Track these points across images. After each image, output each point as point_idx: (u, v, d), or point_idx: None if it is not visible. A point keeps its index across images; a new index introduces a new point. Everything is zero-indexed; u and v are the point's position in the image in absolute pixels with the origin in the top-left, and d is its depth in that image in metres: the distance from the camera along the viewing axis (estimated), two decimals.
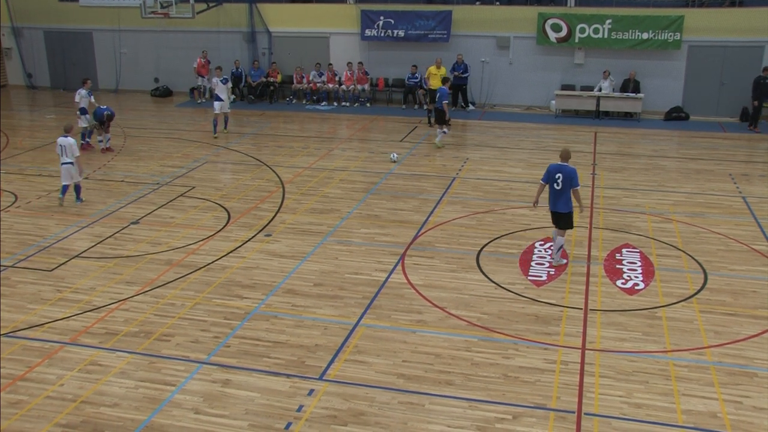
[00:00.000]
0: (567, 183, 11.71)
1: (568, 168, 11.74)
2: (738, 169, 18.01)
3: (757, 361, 9.19)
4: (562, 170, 11.75)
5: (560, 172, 11.75)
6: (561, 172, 11.74)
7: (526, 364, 9.12)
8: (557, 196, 11.85)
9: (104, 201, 15.46)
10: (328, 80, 26.27)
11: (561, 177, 11.72)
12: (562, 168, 11.77)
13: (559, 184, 11.75)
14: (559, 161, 11.93)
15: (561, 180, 11.72)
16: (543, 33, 24.52)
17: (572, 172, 11.73)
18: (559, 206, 11.91)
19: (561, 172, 11.74)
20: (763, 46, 23.07)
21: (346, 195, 15.85)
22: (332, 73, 26.25)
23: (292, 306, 10.70)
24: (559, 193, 11.81)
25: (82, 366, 9.09)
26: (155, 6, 25.18)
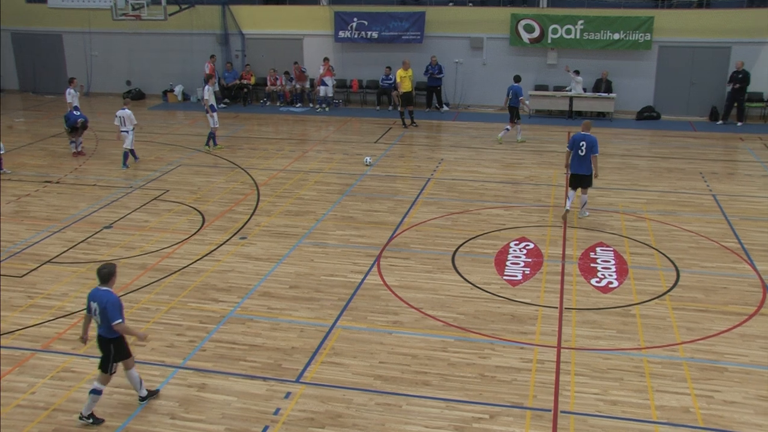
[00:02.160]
0: (589, 149, 13.72)
1: (591, 137, 13.81)
2: (708, 168, 18.27)
3: (728, 356, 9.32)
4: (585, 138, 13.81)
5: (584, 141, 13.80)
6: (585, 140, 13.79)
7: (503, 363, 9.16)
8: (581, 160, 13.85)
9: (76, 205, 15.28)
10: (296, 77, 26.00)
11: (584, 144, 13.77)
12: (586, 137, 13.82)
13: (582, 151, 13.78)
14: (581, 131, 13.94)
15: (585, 147, 13.75)
16: (516, 34, 24.68)
17: (594, 140, 13.81)
18: (582, 169, 13.91)
19: (585, 140, 13.80)
20: (731, 46, 23.43)
21: (321, 197, 15.82)
22: (300, 71, 25.97)
23: (268, 309, 10.65)
24: (582, 159, 13.83)
25: (54, 373, 8.97)
26: (126, 8, 24.89)
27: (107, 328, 7.88)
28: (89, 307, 7.99)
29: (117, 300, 7.90)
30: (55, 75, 29.14)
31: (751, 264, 12.19)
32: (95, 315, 7.94)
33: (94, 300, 7.90)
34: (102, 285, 7.96)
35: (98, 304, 7.85)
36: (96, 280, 8.02)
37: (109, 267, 8.04)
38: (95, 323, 8.02)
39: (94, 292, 7.96)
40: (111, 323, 7.80)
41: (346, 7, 25.95)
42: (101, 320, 7.90)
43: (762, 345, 9.57)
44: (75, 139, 19.36)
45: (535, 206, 15.16)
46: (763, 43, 23.13)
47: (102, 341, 8.02)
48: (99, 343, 8.07)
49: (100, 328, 7.98)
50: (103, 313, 7.82)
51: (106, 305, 7.79)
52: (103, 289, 7.93)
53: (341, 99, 26.50)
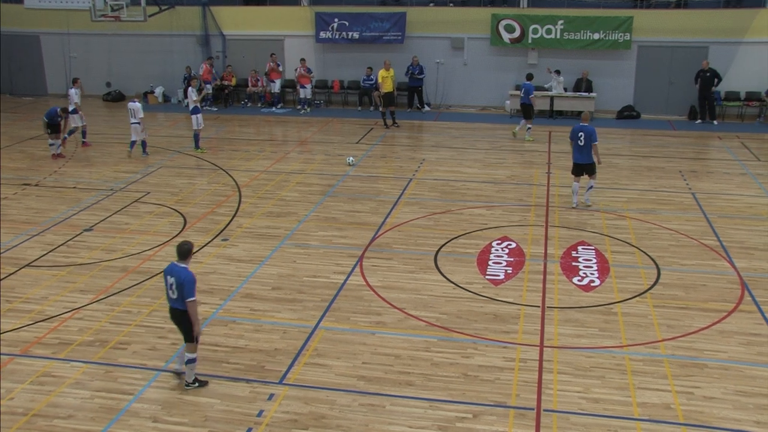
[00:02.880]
0: (588, 139, 14.42)
1: (589, 127, 14.51)
2: (687, 166, 18.45)
3: (707, 352, 9.42)
4: (583, 129, 14.51)
5: (582, 131, 14.50)
6: (583, 131, 14.49)
7: (486, 362, 9.19)
8: (581, 150, 14.60)
9: (56, 208, 15.14)
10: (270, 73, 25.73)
11: (583, 135, 14.47)
12: (584, 128, 14.53)
13: (582, 141, 14.49)
14: (581, 123, 14.68)
15: (583, 137, 14.45)
16: (496, 34, 24.77)
17: (592, 130, 14.49)
18: (583, 159, 14.65)
19: (582, 131, 14.50)
20: (708, 46, 23.68)
21: (303, 198, 15.79)
22: (275, 63, 25.70)
23: (250, 310, 10.61)
24: (582, 148, 14.56)
25: (33, 378, 8.88)
26: (105, 9, 24.69)
27: (183, 301, 8.32)
28: (165, 281, 8.45)
29: (193, 277, 8.34)
30: (32, 77, 28.87)
31: (729, 261, 12.32)
32: (171, 289, 8.38)
33: (171, 275, 8.36)
34: (180, 261, 8.40)
35: (176, 279, 8.30)
36: (175, 256, 8.51)
37: (188, 244, 8.51)
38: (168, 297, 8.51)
39: (172, 267, 8.43)
40: (186, 299, 8.24)
41: (327, 8, 25.93)
42: (177, 294, 8.33)
43: (740, 341, 9.68)
44: (55, 140, 19.16)
45: (516, 206, 15.23)
46: (739, 43, 23.42)
47: (177, 314, 8.51)
48: (174, 315, 8.57)
49: (175, 302, 8.43)
50: (180, 289, 8.28)
51: (184, 281, 8.24)
52: (180, 266, 8.38)
53: (322, 100, 26.47)
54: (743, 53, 23.50)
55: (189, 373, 8.64)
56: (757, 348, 9.51)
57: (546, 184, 16.72)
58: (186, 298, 8.26)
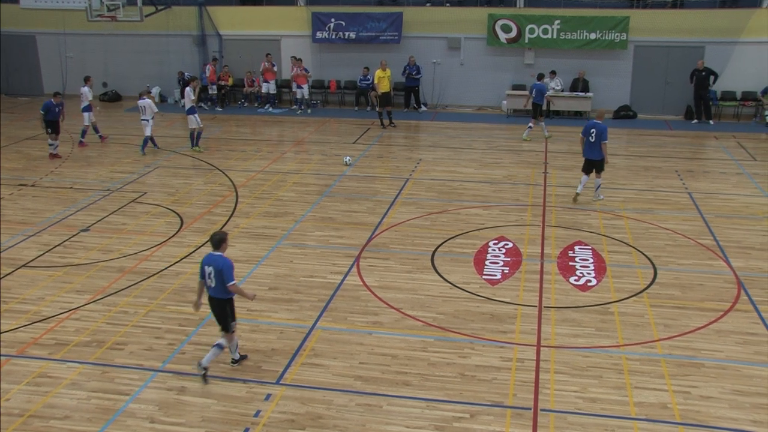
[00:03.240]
0: (598, 136, 14.74)
1: (601, 125, 14.86)
2: (684, 166, 18.47)
3: (704, 352, 9.43)
4: (595, 126, 14.88)
5: (594, 128, 14.86)
6: (595, 128, 14.85)
7: (483, 362, 9.20)
8: (591, 146, 14.92)
9: (52, 208, 15.11)
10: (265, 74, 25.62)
11: (594, 131, 14.81)
12: (596, 125, 14.89)
13: (593, 137, 14.84)
14: (595, 119, 15.07)
15: (594, 134, 14.79)
16: (493, 34, 24.79)
17: (604, 128, 14.86)
18: (593, 154, 14.97)
19: (595, 127, 14.86)
20: (704, 46, 23.72)
21: (299, 198, 15.78)
22: (270, 63, 25.61)
23: (247, 311, 10.60)
24: (593, 144, 14.89)
25: (30, 379, 8.86)
26: (102, 9, 24.60)
27: (222, 289, 8.62)
28: (203, 272, 8.68)
29: (231, 263, 8.65)
30: (29, 77, 28.81)
31: (726, 261, 12.34)
32: (209, 278, 8.63)
33: (209, 264, 8.62)
34: (215, 250, 8.73)
35: (213, 267, 8.58)
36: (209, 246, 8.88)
37: (221, 234, 8.83)
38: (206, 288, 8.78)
39: (209, 257, 8.69)
40: (226, 284, 8.54)
41: (324, 8, 25.92)
42: (216, 282, 8.60)
43: (737, 340, 9.70)
44: (54, 140, 19.01)
45: (513, 205, 15.23)
46: (735, 43, 23.46)
47: (217, 303, 8.77)
48: (213, 304, 8.81)
49: (213, 290, 8.67)
50: (219, 276, 8.54)
51: (222, 268, 8.53)
52: (216, 254, 8.69)
53: (319, 100, 26.45)
54: (739, 53, 23.55)
55: (209, 357, 8.82)
56: (753, 347, 9.52)
57: (543, 184, 16.74)
58: (226, 283, 8.54)
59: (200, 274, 8.76)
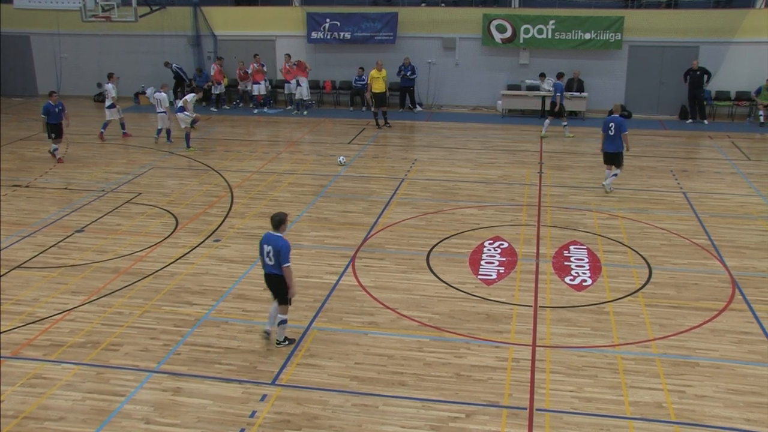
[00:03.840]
0: (618, 129, 15.40)
1: (619, 118, 15.54)
2: (678, 166, 18.52)
3: (699, 351, 9.46)
4: (614, 120, 15.51)
5: (612, 122, 15.49)
6: (613, 122, 15.48)
7: (478, 362, 9.20)
8: (611, 140, 15.56)
9: (47, 209, 15.08)
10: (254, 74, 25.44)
11: (613, 125, 15.44)
12: (614, 119, 15.53)
13: (612, 131, 15.47)
14: (612, 114, 15.75)
15: (614, 127, 15.42)
16: (488, 34, 24.81)
17: (622, 120, 15.51)
18: (613, 147, 15.59)
19: (613, 121, 15.49)
20: (698, 46, 23.79)
21: (295, 198, 15.77)
22: (259, 64, 25.49)
23: (242, 311, 10.59)
24: (612, 138, 15.52)
25: (24, 380, 8.83)
26: (96, 9, 24.58)
27: (279, 267, 9.13)
28: (262, 250, 9.27)
29: (289, 245, 9.17)
30: (23, 77, 28.73)
31: (720, 260, 12.38)
32: (268, 257, 9.18)
33: (268, 244, 9.18)
34: (274, 231, 9.23)
35: (273, 247, 9.12)
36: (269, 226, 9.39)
37: (281, 215, 9.35)
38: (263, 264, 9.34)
39: (268, 236, 9.24)
40: (282, 265, 9.07)
41: (319, 8, 25.91)
42: (274, 261, 9.14)
43: (731, 339, 9.73)
44: (57, 143, 18.66)
45: (508, 205, 15.25)
46: (729, 43, 23.53)
47: (273, 278, 9.32)
48: (270, 280, 9.38)
49: (271, 267, 9.22)
50: (277, 255, 9.10)
51: (281, 249, 9.08)
52: (276, 235, 9.22)
53: (314, 100, 26.43)
54: (733, 53, 23.62)
55: (280, 333, 9.48)
56: (747, 346, 9.55)
57: (538, 184, 16.76)
58: (282, 264, 9.05)
59: (259, 250, 9.36)
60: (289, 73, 25.03)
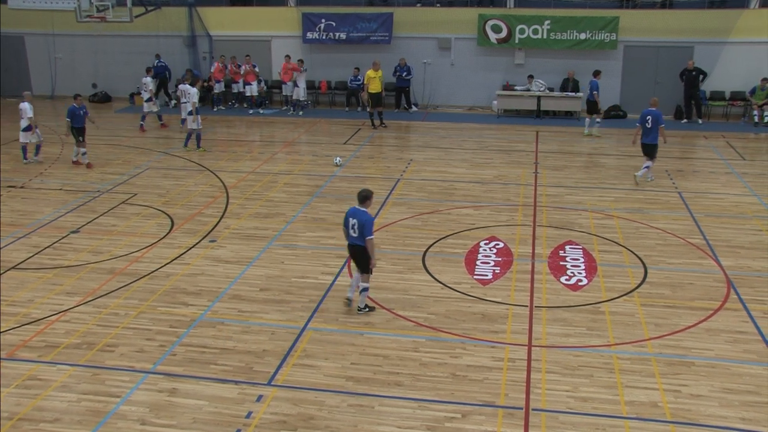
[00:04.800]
0: (655, 122, 16.26)
1: (656, 111, 16.38)
2: (673, 165, 18.55)
3: (694, 350, 9.48)
4: (651, 113, 16.37)
5: (650, 115, 16.36)
6: (650, 115, 16.36)
7: (474, 362, 9.21)
8: (648, 132, 16.43)
9: (42, 210, 15.04)
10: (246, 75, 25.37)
11: (650, 118, 16.32)
12: (651, 112, 16.39)
13: (649, 124, 16.36)
14: (649, 107, 16.55)
15: (651, 120, 16.32)
16: (483, 34, 24.83)
17: (659, 113, 16.38)
18: (649, 139, 16.49)
19: (650, 114, 16.36)
20: (693, 46, 23.85)
21: (290, 199, 15.76)
22: (251, 65, 25.31)
23: (238, 312, 10.58)
24: (649, 130, 16.41)
25: (19, 381, 8.81)
26: (91, 9, 24.51)
27: (363, 239, 9.98)
28: (346, 222, 10.14)
29: (372, 219, 10.12)
30: (17, 78, 28.62)
31: (715, 260, 12.41)
32: (352, 229, 10.03)
33: (354, 217, 10.05)
34: (360, 205, 10.08)
35: (357, 220, 9.99)
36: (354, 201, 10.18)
37: (367, 191, 10.22)
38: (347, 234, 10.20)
39: (354, 210, 10.10)
40: (365, 237, 9.93)
41: (314, 8, 25.91)
42: (358, 233, 10.00)
43: (726, 339, 9.75)
44: (82, 146, 18.18)
45: (504, 205, 15.26)
46: (723, 43, 23.60)
47: (356, 249, 10.19)
48: (353, 251, 10.27)
49: (355, 239, 10.09)
50: (361, 228, 9.96)
51: (365, 223, 9.95)
52: (360, 209, 10.07)
53: (310, 100, 26.41)
54: (728, 53, 23.69)
55: (361, 300, 10.36)
56: (742, 345, 9.58)
57: (533, 184, 16.77)
58: (366, 237, 9.88)
59: (344, 223, 10.24)
60: (287, 74, 24.98)
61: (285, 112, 25.48)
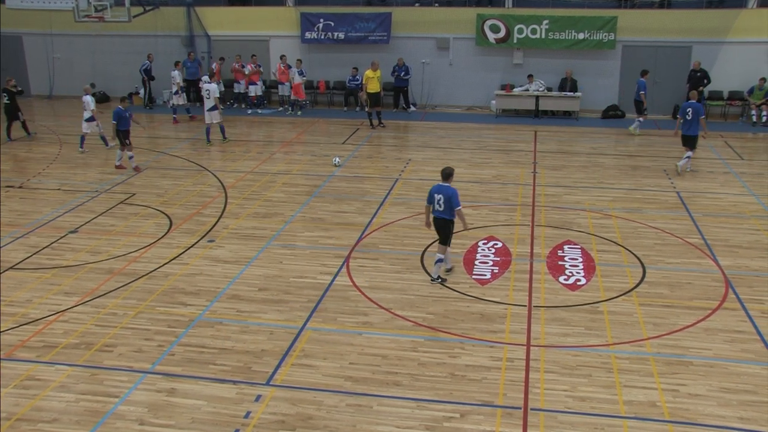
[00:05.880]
0: (696, 113, 17.06)
1: (696, 104, 17.23)
2: (672, 165, 18.54)
3: (692, 350, 9.48)
4: (691, 106, 17.14)
5: (690, 107, 17.12)
6: (691, 107, 17.11)
7: (473, 362, 9.21)
8: (688, 124, 17.25)
9: (40, 210, 15.03)
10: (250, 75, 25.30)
11: (691, 110, 17.08)
12: (692, 104, 17.17)
13: (689, 116, 17.10)
14: (688, 100, 17.49)
15: (691, 112, 17.06)
16: (482, 34, 24.83)
17: (699, 106, 17.23)
18: (689, 131, 17.31)
19: (691, 107, 17.12)
20: (691, 46, 23.87)
21: (289, 198, 15.76)
22: (256, 64, 25.35)
23: (237, 312, 10.58)
24: (689, 122, 17.20)
25: (18, 382, 8.80)
26: (89, 9, 24.48)
27: (448, 212, 11.01)
28: (432, 198, 11.12)
29: (457, 191, 11.08)
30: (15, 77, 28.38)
31: (713, 259, 12.42)
32: (438, 204, 11.02)
33: (439, 192, 11.05)
34: (444, 182, 11.11)
35: (443, 195, 10.99)
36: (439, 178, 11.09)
37: (450, 169, 11.23)
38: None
39: (439, 186, 11.11)
40: (454, 208, 10.95)
41: (313, 8, 25.90)
42: (444, 207, 10.99)
43: (724, 338, 9.76)
44: (127, 149, 17.84)
45: (502, 205, 15.26)
46: (722, 42, 23.62)
47: (441, 221, 11.17)
48: (440, 224, 11.19)
49: (441, 213, 11.06)
50: (448, 201, 10.96)
51: (451, 195, 10.97)
52: (445, 185, 11.08)
53: (308, 100, 26.41)
54: (726, 53, 23.70)
55: (436, 270, 11.31)
56: (740, 345, 9.59)
57: (532, 184, 16.78)
58: (454, 208, 10.92)
59: (428, 199, 11.19)
60: (284, 74, 25.02)
61: (283, 112, 25.48)
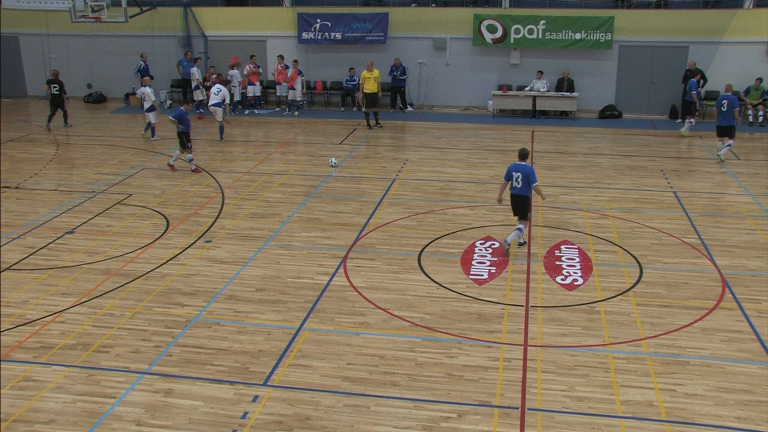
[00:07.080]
0: (731, 105, 18.17)
1: (732, 96, 18.29)
2: (669, 165, 18.59)
3: (689, 349, 9.50)
4: (727, 98, 18.25)
5: (726, 99, 18.23)
6: (726, 99, 18.22)
7: (470, 362, 9.21)
8: (723, 115, 18.32)
9: (36, 211, 15.00)
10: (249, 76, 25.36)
11: (726, 102, 18.17)
12: (727, 96, 18.27)
13: (725, 107, 18.21)
14: (724, 92, 18.58)
15: (726, 104, 18.17)
16: (479, 34, 24.85)
17: (734, 98, 18.33)
18: (725, 122, 18.36)
19: (726, 99, 18.24)
20: (688, 46, 23.91)
21: (286, 199, 15.75)
22: (255, 65, 25.29)
23: (234, 312, 10.57)
24: (725, 113, 18.29)
25: (14, 383, 8.79)
26: (86, 10, 24.45)
27: (526, 189, 12.08)
28: (510, 175, 12.18)
29: (533, 169, 12.18)
30: (11, 78, 28.55)
31: (710, 259, 12.43)
32: (516, 181, 12.05)
33: (517, 171, 12.09)
34: (521, 161, 12.15)
35: (521, 173, 12.03)
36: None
37: (526, 149, 12.29)
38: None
39: (516, 165, 12.18)
40: (532, 184, 12.03)
41: (309, 9, 25.89)
42: (522, 184, 12.03)
43: (721, 338, 9.77)
44: (187, 151, 17.54)
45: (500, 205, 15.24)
46: (718, 43, 23.65)
47: (519, 198, 12.24)
48: (518, 200, 12.27)
49: (519, 190, 12.14)
50: (526, 179, 12.01)
51: (529, 173, 12.03)
52: (522, 164, 12.13)
53: (305, 101, 26.40)
54: (722, 53, 23.75)
55: (512, 236, 12.26)
56: (737, 345, 9.60)
57: None
58: (532, 184, 11.99)
59: (506, 176, 12.25)
60: (281, 74, 25.02)
61: (280, 113, 25.47)
